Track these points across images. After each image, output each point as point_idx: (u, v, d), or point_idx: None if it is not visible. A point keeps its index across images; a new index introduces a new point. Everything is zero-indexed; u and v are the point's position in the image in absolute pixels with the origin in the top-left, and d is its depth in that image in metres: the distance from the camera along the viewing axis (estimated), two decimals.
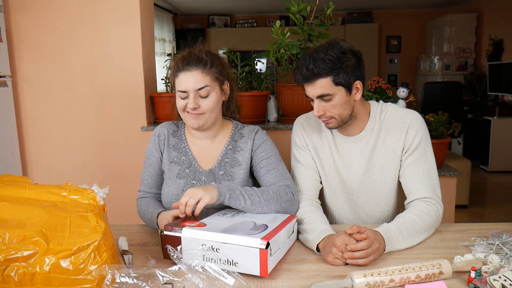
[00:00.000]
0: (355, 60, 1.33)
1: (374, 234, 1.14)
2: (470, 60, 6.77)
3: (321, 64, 1.29)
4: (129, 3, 2.55)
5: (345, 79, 1.31)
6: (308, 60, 1.31)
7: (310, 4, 2.32)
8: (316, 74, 1.30)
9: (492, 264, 1.04)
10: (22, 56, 2.63)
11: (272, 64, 2.70)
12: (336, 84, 1.31)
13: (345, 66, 1.30)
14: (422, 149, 1.38)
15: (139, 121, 2.65)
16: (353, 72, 1.32)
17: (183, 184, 1.43)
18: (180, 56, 1.41)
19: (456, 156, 4.09)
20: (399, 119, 1.41)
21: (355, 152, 1.45)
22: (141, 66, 2.59)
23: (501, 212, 3.87)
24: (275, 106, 2.73)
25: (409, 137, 1.39)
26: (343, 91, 1.33)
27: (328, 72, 1.29)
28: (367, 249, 1.10)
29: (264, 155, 1.44)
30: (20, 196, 0.99)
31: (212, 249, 1.03)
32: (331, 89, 1.31)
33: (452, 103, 4.94)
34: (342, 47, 1.31)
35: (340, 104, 1.34)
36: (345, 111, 1.36)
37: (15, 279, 0.84)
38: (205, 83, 1.35)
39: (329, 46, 1.32)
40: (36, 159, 2.75)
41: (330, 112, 1.35)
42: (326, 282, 0.98)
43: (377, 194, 1.46)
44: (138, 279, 0.88)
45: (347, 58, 1.31)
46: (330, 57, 1.29)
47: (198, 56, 1.37)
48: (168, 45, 6.67)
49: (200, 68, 1.35)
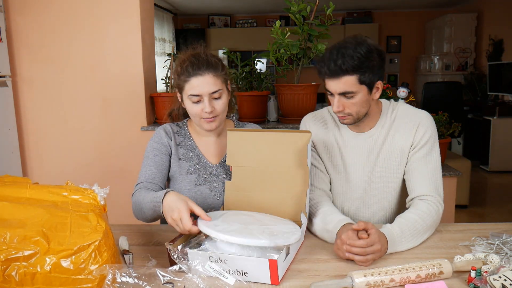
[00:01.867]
0: (379, 59, 1.32)
1: (378, 236, 1.14)
2: (470, 60, 6.77)
3: (350, 61, 1.26)
4: (129, 3, 2.55)
5: (370, 79, 1.30)
6: (336, 55, 1.28)
7: (310, 4, 2.32)
8: (344, 70, 1.27)
9: (492, 264, 1.04)
10: (22, 56, 2.63)
11: (272, 64, 2.70)
12: (361, 83, 1.30)
13: (371, 65, 1.29)
14: (429, 147, 1.39)
15: (139, 121, 2.65)
16: (378, 71, 1.32)
17: (195, 178, 1.46)
18: (186, 59, 1.40)
19: (456, 156, 4.09)
20: (410, 117, 1.42)
21: (363, 149, 1.45)
22: (141, 66, 2.59)
23: (501, 212, 3.87)
24: (275, 106, 2.74)
25: (419, 134, 1.39)
26: (365, 90, 1.32)
27: (355, 69, 1.27)
28: (366, 248, 1.11)
29: None
30: (21, 196, 0.99)
31: (220, 260, 1.01)
32: (355, 87, 1.30)
33: (452, 103, 4.94)
34: (369, 45, 1.29)
35: (360, 103, 1.34)
36: (363, 109, 1.36)
37: (16, 278, 0.84)
38: (218, 87, 1.37)
39: (357, 43, 1.29)
40: (36, 159, 2.75)
41: (349, 109, 1.35)
42: (326, 282, 0.98)
43: (382, 191, 1.46)
44: (138, 279, 0.88)
45: (373, 57, 1.29)
46: (358, 54, 1.27)
47: (208, 60, 1.38)
48: (168, 45, 6.67)
49: (211, 72, 1.37)
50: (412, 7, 7.50)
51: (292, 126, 2.51)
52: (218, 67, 1.39)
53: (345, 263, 1.13)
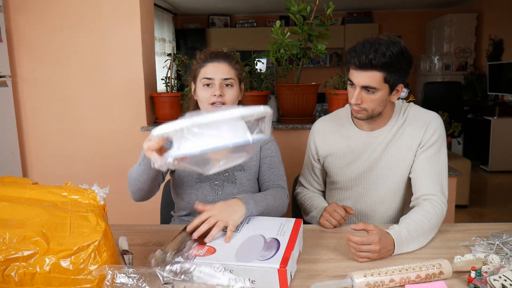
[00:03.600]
0: (407, 63, 1.34)
1: (379, 237, 1.14)
2: (470, 60, 6.77)
3: (381, 58, 1.28)
4: (129, 3, 2.55)
5: (394, 79, 1.32)
6: (369, 49, 1.29)
7: (310, 4, 2.32)
8: (374, 65, 1.29)
9: (492, 264, 1.04)
10: (22, 56, 2.63)
11: (272, 64, 2.69)
12: (385, 82, 1.32)
13: (399, 67, 1.31)
14: (437, 148, 1.40)
15: (139, 121, 2.65)
16: (403, 74, 1.34)
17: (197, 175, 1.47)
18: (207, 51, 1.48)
19: (456, 156, 4.09)
20: (421, 116, 1.44)
21: (371, 147, 1.47)
22: (141, 66, 2.59)
23: (501, 212, 3.86)
24: (275, 106, 2.73)
25: (428, 134, 1.41)
26: (386, 90, 1.34)
27: (384, 67, 1.29)
28: (360, 245, 1.12)
29: (269, 153, 1.52)
30: (21, 196, 0.99)
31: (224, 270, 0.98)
32: (378, 84, 1.32)
33: (452, 103, 4.94)
34: (402, 47, 1.31)
35: (378, 101, 1.35)
36: (378, 108, 1.38)
37: (15, 279, 0.84)
38: (231, 76, 1.43)
39: (391, 41, 1.31)
40: (36, 159, 2.75)
41: (366, 104, 1.36)
42: (326, 282, 0.98)
43: (386, 190, 1.48)
44: (138, 279, 0.88)
45: (403, 59, 1.32)
46: (390, 53, 1.28)
47: (226, 53, 1.48)
48: (168, 45, 6.67)
49: (228, 62, 1.44)
50: (412, 7, 7.50)
51: (292, 126, 2.51)
52: (235, 60, 1.47)
53: (345, 263, 1.14)
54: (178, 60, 2.67)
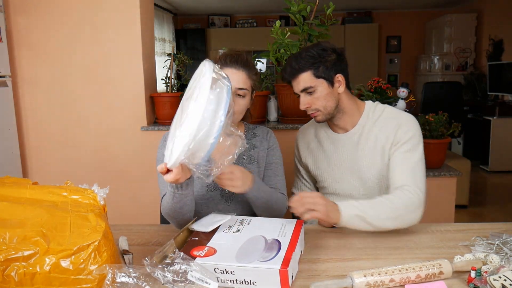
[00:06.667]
0: (335, 55, 1.42)
1: (318, 195, 1.21)
2: (470, 60, 6.77)
3: (302, 61, 1.40)
4: (129, 3, 2.55)
5: (325, 72, 1.40)
6: (292, 60, 1.42)
7: (310, 4, 2.32)
8: (298, 69, 1.40)
9: (492, 264, 1.04)
10: (22, 56, 2.63)
11: (272, 64, 2.69)
12: (317, 77, 1.40)
13: (324, 60, 1.40)
14: (411, 145, 1.41)
15: (139, 121, 2.65)
16: (333, 66, 1.41)
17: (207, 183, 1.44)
18: (228, 53, 1.44)
19: (456, 156, 4.09)
20: (393, 118, 1.46)
21: (346, 148, 1.50)
22: (141, 66, 2.59)
23: (501, 212, 3.87)
24: (275, 106, 2.73)
25: (400, 133, 1.42)
26: (324, 84, 1.41)
27: (308, 66, 1.40)
28: (303, 198, 1.19)
29: (275, 159, 1.53)
30: (21, 196, 0.99)
31: (226, 272, 0.99)
32: (312, 82, 1.40)
33: (452, 103, 4.94)
34: (322, 46, 1.42)
35: (323, 96, 1.42)
36: (329, 103, 1.44)
37: (15, 279, 0.84)
38: (246, 86, 1.41)
39: (311, 46, 1.44)
40: (36, 159, 2.75)
41: (315, 105, 1.44)
42: (326, 282, 0.98)
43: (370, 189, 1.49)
44: (138, 279, 0.88)
45: (327, 54, 1.41)
46: (310, 54, 1.40)
47: (247, 60, 1.43)
48: (168, 45, 6.67)
49: (246, 71, 1.41)
50: (412, 7, 7.50)
51: (292, 126, 2.51)
52: (254, 71, 1.44)
53: (345, 263, 1.13)
54: (178, 60, 2.67)
